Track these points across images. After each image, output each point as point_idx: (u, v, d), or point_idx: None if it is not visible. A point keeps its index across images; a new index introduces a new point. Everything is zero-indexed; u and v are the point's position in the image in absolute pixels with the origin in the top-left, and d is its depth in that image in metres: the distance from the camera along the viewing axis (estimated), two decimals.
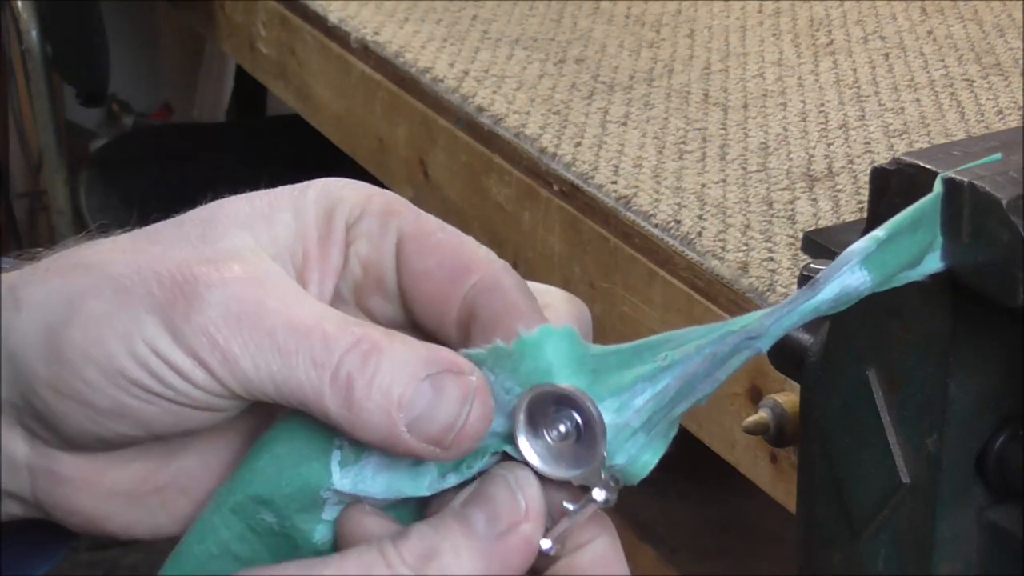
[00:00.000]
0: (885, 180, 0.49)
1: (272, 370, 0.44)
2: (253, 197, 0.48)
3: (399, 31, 1.17)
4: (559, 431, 0.45)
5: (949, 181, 0.45)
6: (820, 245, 0.61)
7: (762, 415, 0.68)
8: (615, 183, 0.90)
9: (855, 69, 1.06)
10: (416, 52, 1.12)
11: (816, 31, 1.14)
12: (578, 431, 0.45)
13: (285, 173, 0.52)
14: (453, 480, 0.45)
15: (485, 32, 1.16)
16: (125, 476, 0.48)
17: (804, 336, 0.56)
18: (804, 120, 0.98)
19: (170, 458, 0.49)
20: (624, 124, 0.99)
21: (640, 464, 0.45)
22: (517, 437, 0.45)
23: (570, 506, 0.45)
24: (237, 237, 0.46)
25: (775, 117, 0.99)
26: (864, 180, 0.89)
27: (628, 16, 1.19)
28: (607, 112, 1.01)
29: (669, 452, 0.45)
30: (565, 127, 0.98)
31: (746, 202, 0.87)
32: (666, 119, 0.99)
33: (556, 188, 0.94)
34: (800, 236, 0.78)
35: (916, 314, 0.49)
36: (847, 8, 1.18)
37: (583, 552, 0.46)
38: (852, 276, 0.44)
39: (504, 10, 1.20)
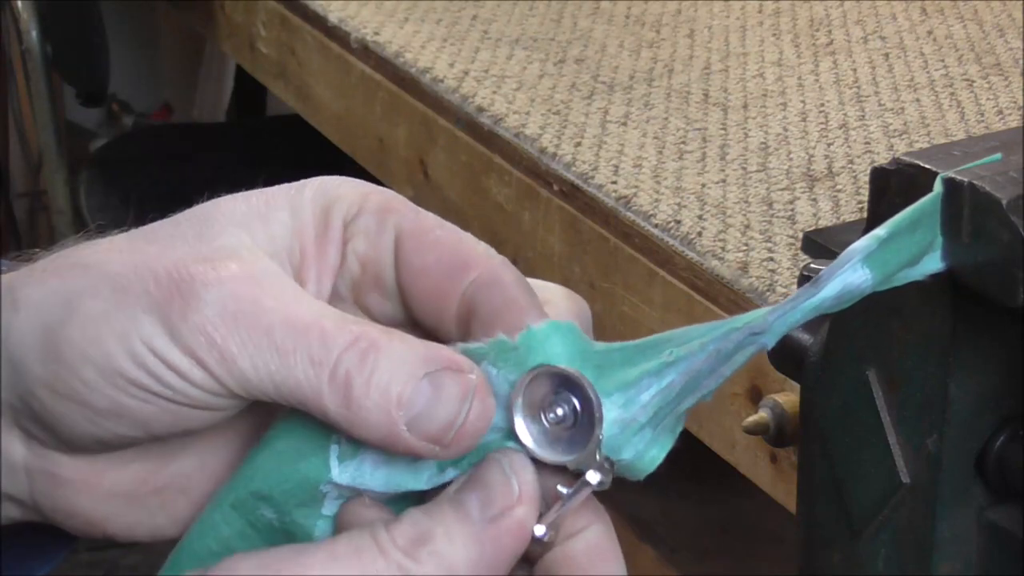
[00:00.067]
0: (885, 180, 0.49)
1: (270, 369, 0.43)
2: (249, 196, 0.48)
3: (399, 31, 1.17)
4: (556, 414, 0.45)
5: (949, 181, 0.45)
6: (820, 245, 0.61)
7: (762, 415, 0.68)
8: (615, 183, 0.90)
9: (855, 69, 1.06)
10: (416, 52, 1.12)
11: (816, 31, 1.14)
12: (575, 415, 0.44)
13: (285, 173, 0.52)
14: (452, 474, 0.45)
15: (485, 32, 1.16)
16: (124, 477, 0.48)
17: (804, 336, 0.56)
18: (804, 120, 0.98)
19: (169, 459, 0.48)
20: (624, 124, 0.99)
21: (647, 459, 0.45)
22: (514, 419, 0.45)
23: (565, 490, 0.45)
24: (233, 236, 0.46)
25: (775, 117, 0.99)
26: (864, 180, 0.89)
27: (628, 16, 1.19)
28: (607, 112, 1.01)
29: (670, 452, 0.45)
30: (565, 127, 0.98)
31: (746, 202, 0.87)
32: (666, 119, 0.99)
33: (556, 188, 0.94)
34: (800, 236, 0.78)
35: (916, 314, 0.49)
36: (847, 8, 1.18)
37: (577, 540, 0.45)
38: (854, 274, 0.44)
39: (504, 10, 1.20)
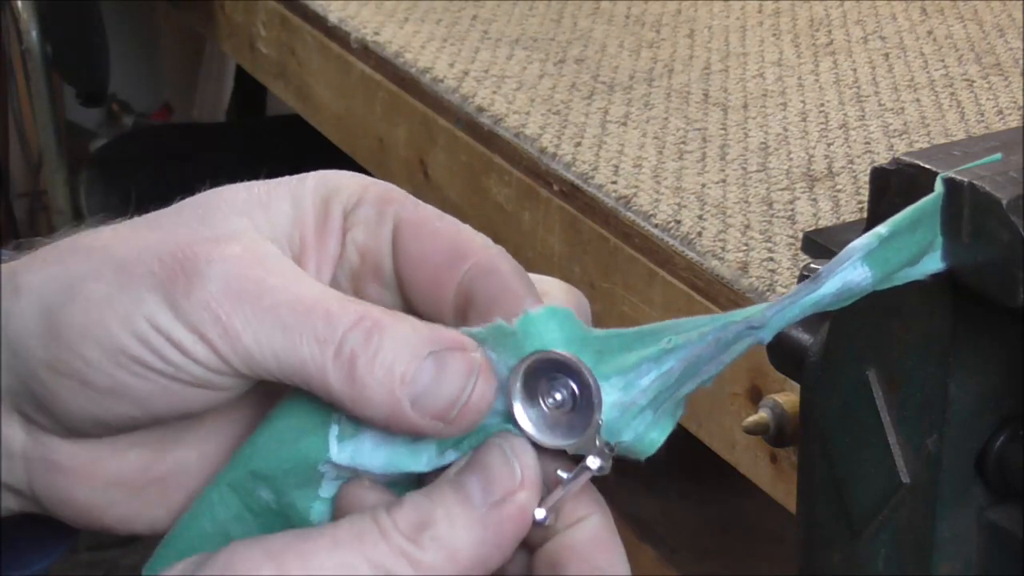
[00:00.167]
0: (885, 180, 0.49)
1: (274, 346, 0.44)
2: (251, 185, 0.48)
3: (399, 31, 1.17)
4: (555, 399, 0.45)
5: (949, 181, 0.45)
6: (820, 245, 0.61)
7: (762, 415, 0.68)
8: (615, 183, 0.90)
9: (855, 69, 1.06)
10: (416, 52, 1.12)
11: (816, 31, 1.14)
12: (574, 399, 0.45)
13: (285, 173, 0.52)
14: (452, 456, 0.45)
15: (485, 32, 1.16)
16: (123, 466, 0.48)
17: (804, 336, 0.56)
18: (804, 120, 0.98)
19: (168, 449, 0.49)
20: (624, 124, 0.99)
21: (647, 442, 0.45)
22: (512, 404, 0.45)
23: (564, 475, 0.45)
24: (236, 221, 0.47)
25: (775, 117, 0.99)
26: (864, 180, 0.89)
27: (628, 16, 1.19)
28: (607, 112, 1.01)
29: (669, 452, 0.45)
30: (565, 127, 0.98)
31: (746, 202, 0.87)
32: (666, 119, 0.99)
33: (556, 188, 0.94)
34: (800, 236, 0.78)
35: (916, 314, 0.49)
36: (847, 8, 1.18)
37: (578, 529, 0.45)
38: (854, 272, 0.44)
39: (504, 10, 1.20)
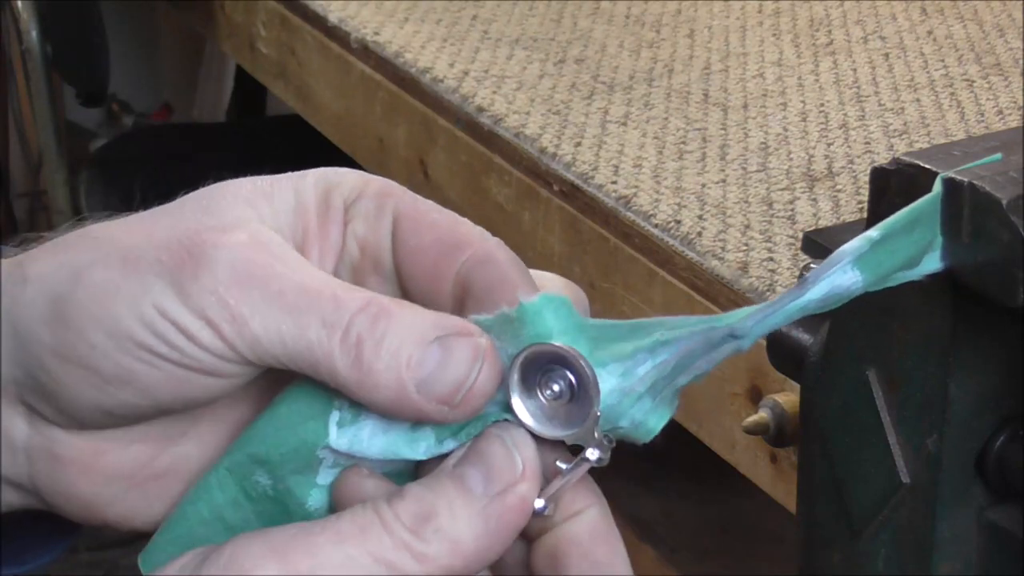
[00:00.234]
0: (885, 180, 0.49)
1: (281, 330, 0.44)
2: (255, 179, 0.49)
3: (399, 31, 1.17)
4: (552, 391, 0.45)
5: (949, 181, 0.45)
6: (820, 245, 0.61)
7: (762, 415, 0.68)
8: (615, 183, 0.90)
9: (855, 69, 1.06)
10: (416, 52, 1.12)
11: (816, 31, 1.14)
12: (572, 391, 0.45)
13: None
14: (450, 445, 0.46)
15: (485, 32, 1.16)
16: (125, 460, 0.48)
17: (804, 336, 0.56)
18: (804, 120, 0.98)
19: (170, 444, 0.49)
20: (624, 124, 0.99)
21: (645, 429, 0.45)
22: (511, 396, 0.45)
23: (563, 465, 0.45)
24: (240, 211, 0.47)
25: (775, 117, 0.99)
26: (864, 180, 0.89)
27: (628, 16, 1.19)
28: (607, 112, 1.01)
29: (669, 452, 0.45)
30: (565, 127, 0.98)
31: (746, 202, 0.87)
32: (666, 119, 0.99)
33: (556, 188, 0.94)
34: (800, 236, 0.78)
35: (916, 314, 0.49)
36: (847, 8, 1.18)
37: (577, 522, 0.46)
38: (843, 276, 0.44)
39: (504, 10, 1.20)
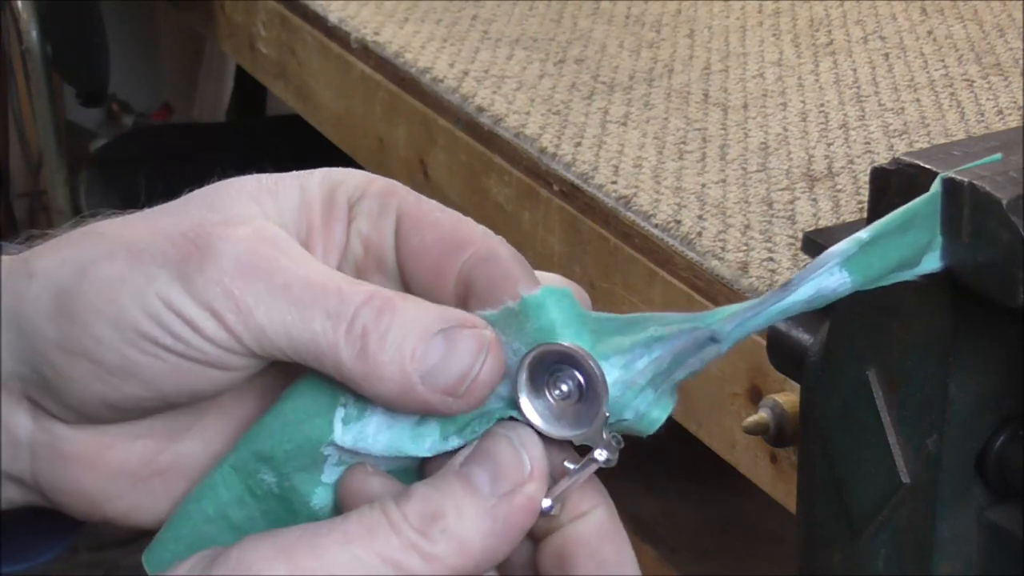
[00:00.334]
0: (885, 180, 0.49)
1: (286, 321, 0.44)
2: (260, 176, 0.49)
3: (399, 31, 1.17)
4: (561, 390, 0.45)
5: (949, 181, 0.45)
6: (820, 245, 0.61)
7: (762, 415, 0.68)
8: (615, 183, 0.90)
9: (855, 69, 1.06)
10: (416, 52, 1.12)
11: (816, 31, 1.14)
12: (580, 390, 0.45)
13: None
14: (455, 442, 0.46)
15: (485, 32, 1.16)
16: (128, 455, 0.48)
17: (804, 336, 0.56)
18: (804, 120, 0.98)
19: (174, 440, 0.49)
20: (624, 124, 0.99)
21: (648, 420, 0.45)
22: (519, 396, 0.45)
23: (571, 465, 0.45)
24: (244, 207, 0.47)
25: (775, 117, 0.99)
26: (864, 180, 0.89)
27: (628, 16, 1.19)
28: (607, 112, 1.01)
29: (669, 452, 0.46)
30: (565, 127, 0.98)
31: (746, 202, 0.87)
32: (666, 119, 0.99)
33: (556, 188, 0.94)
34: (800, 236, 0.78)
35: (916, 314, 0.49)
36: (847, 8, 1.18)
37: (584, 522, 0.46)
38: (830, 278, 0.44)
39: (504, 10, 1.20)
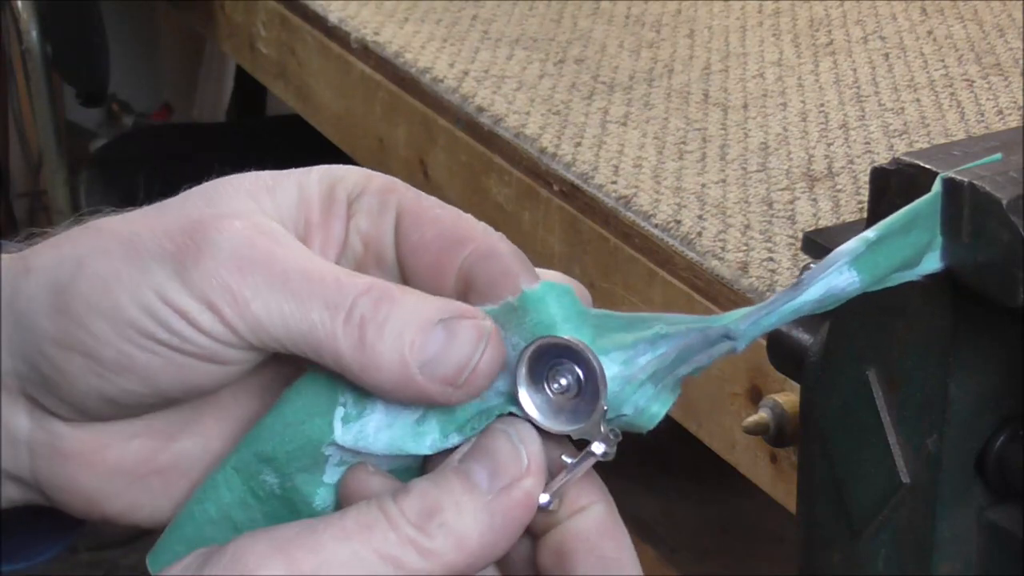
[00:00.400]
0: (885, 180, 0.49)
1: (283, 313, 0.44)
2: (258, 173, 0.49)
3: (399, 31, 1.17)
4: (560, 384, 0.45)
5: (949, 181, 0.45)
6: (820, 245, 0.61)
7: (762, 415, 0.68)
8: (615, 183, 0.90)
9: (855, 69, 1.06)
10: (416, 52, 1.12)
11: (816, 31, 1.14)
12: (579, 385, 0.45)
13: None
14: (456, 440, 0.46)
15: (485, 32, 1.16)
16: (127, 453, 0.48)
17: (804, 336, 0.56)
18: (804, 120, 0.98)
19: (172, 439, 0.49)
20: (624, 124, 0.99)
21: (648, 415, 0.45)
22: (517, 389, 0.45)
23: (568, 460, 0.45)
24: (241, 203, 0.47)
25: (775, 117, 0.99)
26: (864, 180, 0.89)
27: (628, 16, 1.19)
28: (607, 112, 1.01)
29: (669, 452, 0.46)
30: (565, 127, 0.98)
31: (746, 202, 0.87)
32: (666, 119, 0.99)
33: (556, 188, 0.94)
34: (800, 236, 0.78)
35: (916, 314, 0.49)
36: (847, 8, 1.18)
37: (583, 518, 0.46)
38: (839, 277, 0.44)
39: (504, 10, 1.20)
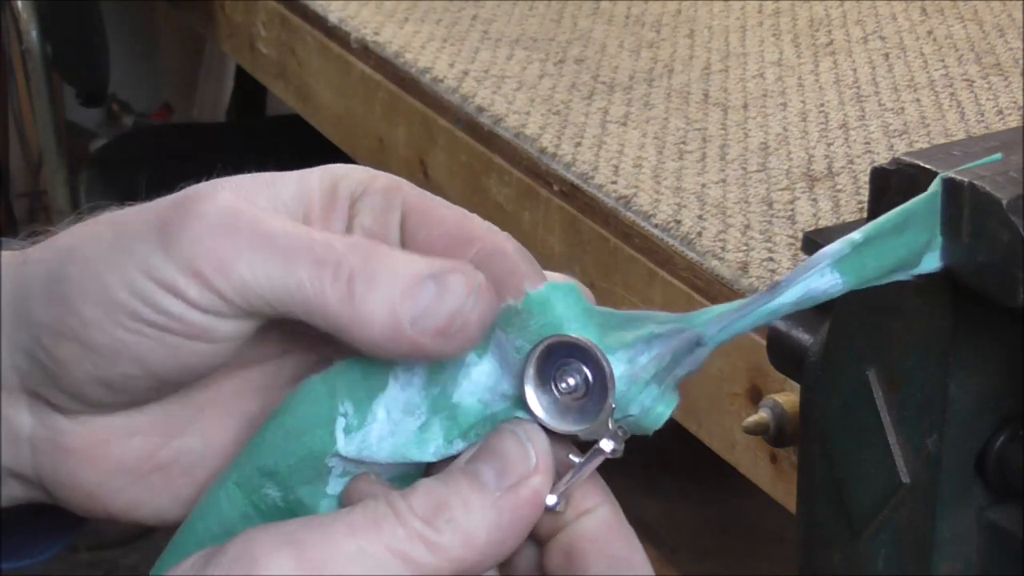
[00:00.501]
0: (885, 180, 0.49)
1: (270, 272, 0.44)
2: (258, 173, 0.49)
3: (399, 31, 1.17)
4: (567, 384, 0.45)
5: (949, 181, 0.45)
6: (820, 245, 0.61)
7: (762, 415, 0.68)
8: (615, 183, 0.90)
9: (855, 69, 1.06)
10: (416, 52, 1.12)
11: (816, 31, 1.14)
12: (586, 385, 0.45)
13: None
14: (460, 446, 0.45)
15: (485, 32, 1.16)
16: (128, 450, 0.48)
17: (804, 336, 0.56)
18: (804, 120, 0.98)
19: (174, 435, 0.49)
20: (624, 124, 0.99)
21: (653, 416, 0.45)
22: (524, 389, 0.45)
23: (576, 459, 0.45)
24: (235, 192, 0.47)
25: (775, 117, 0.99)
26: (864, 180, 0.89)
27: (628, 16, 1.19)
28: (607, 112, 1.01)
29: (669, 452, 0.46)
30: (565, 127, 0.98)
31: (746, 202, 0.87)
32: (666, 119, 0.99)
33: (556, 188, 0.94)
34: (800, 236, 0.78)
35: (916, 314, 0.49)
36: (847, 8, 1.18)
37: (590, 519, 0.45)
38: (820, 280, 0.44)
39: (504, 10, 1.20)
